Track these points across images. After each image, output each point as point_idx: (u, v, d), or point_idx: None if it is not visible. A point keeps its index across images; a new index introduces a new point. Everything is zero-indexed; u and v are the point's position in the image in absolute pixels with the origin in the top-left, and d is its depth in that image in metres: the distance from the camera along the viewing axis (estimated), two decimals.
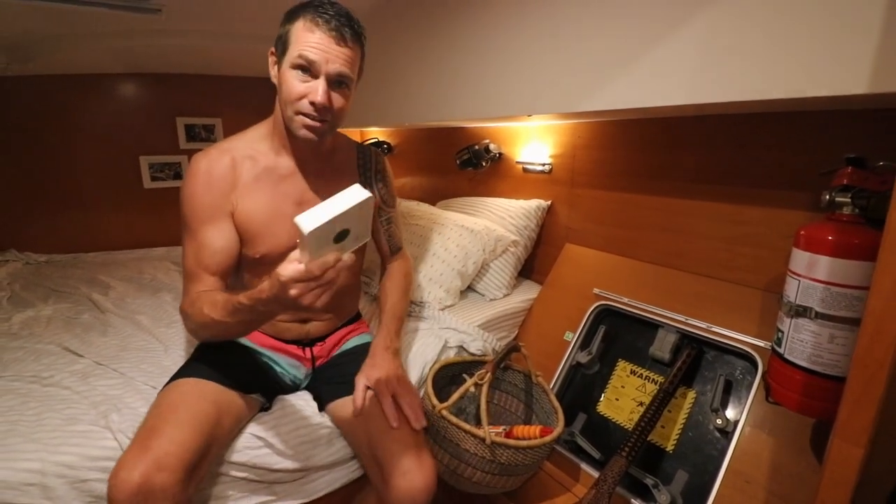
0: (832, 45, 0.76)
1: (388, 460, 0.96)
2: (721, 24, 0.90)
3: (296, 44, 0.94)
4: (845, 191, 0.86)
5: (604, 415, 1.30)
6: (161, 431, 0.85)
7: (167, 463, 0.81)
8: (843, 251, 0.81)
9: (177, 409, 0.92)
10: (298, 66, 0.94)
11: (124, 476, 0.78)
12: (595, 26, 1.12)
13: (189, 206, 1.02)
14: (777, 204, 1.14)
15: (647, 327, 1.32)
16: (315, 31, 0.93)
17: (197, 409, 0.92)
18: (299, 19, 0.94)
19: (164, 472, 0.80)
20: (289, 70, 0.95)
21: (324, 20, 0.93)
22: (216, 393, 0.98)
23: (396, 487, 0.94)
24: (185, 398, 0.95)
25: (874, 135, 0.96)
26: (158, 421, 0.89)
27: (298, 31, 0.94)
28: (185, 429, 0.87)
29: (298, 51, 0.93)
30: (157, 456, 0.81)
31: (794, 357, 0.89)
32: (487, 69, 1.43)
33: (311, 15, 0.94)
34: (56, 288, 1.81)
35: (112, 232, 2.50)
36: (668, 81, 0.99)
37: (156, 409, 0.94)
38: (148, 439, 0.84)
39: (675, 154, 1.35)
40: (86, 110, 2.36)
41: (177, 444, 0.84)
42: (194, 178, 1.02)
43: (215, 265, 1.02)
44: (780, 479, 0.96)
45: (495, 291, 1.69)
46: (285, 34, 0.97)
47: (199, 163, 1.03)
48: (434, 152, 2.35)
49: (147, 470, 0.79)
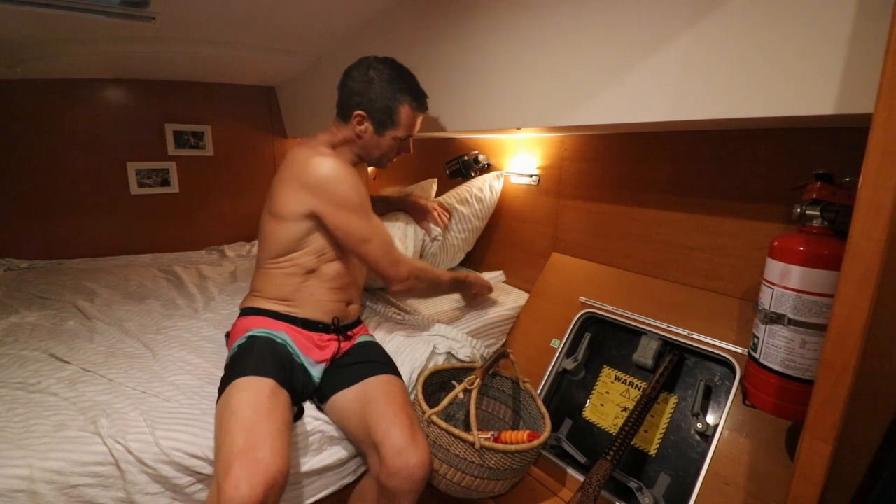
0: (803, 68, 0.81)
1: (383, 441, 1.01)
2: (700, 45, 0.95)
3: (402, 125, 1.28)
4: (815, 204, 0.90)
5: (589, 420, 1.33)
6: (265, 443, 0.89)
7: (279, 480, 0.87)
8: (813, 261, 0.86)
9: (271, 413, 0.96)
10: (400, 139, 1.31)
11: (246, 492, 0.81)
12: (582, 44, 1.17)
13: (360, 189, 1.23)
14: (753, 216, 1.19)
15: (630, 335, 1.36)
16: (417, 119, 1.32)
17: (280, 413, 0.99)
18: (407, 103, 1.27)
19: (275, 491, 0.86)
20: (390, 140, 1.30)
21: (424, 109, 1.33)
22: (279, 394, 1.03)
23: (393, 466, 0.99)
24: (267, 401, 0.98)
25: (842, 152, 1.02)
26: (255, 427, 0.92)
27: (407, 113, 1.28)
28: (280, 439, 0.93)
29: (405, 132, 1.30)
30: (268, 473, 0.85)
31: (768, 362, 0.93)
32: (478, 82, 1.47)
33: (419, 103, 1.30)
34: (40, 294, 1.79)
35: (97, 238, 2.47)
36: (650, 98, 1.04)
37: (240, 412, 0.95)
38: (252, 450, 0.87)
39: (658, 167, 1.40)
40: (72, 115, 2.34)
41: (282, 457, 0.89)
42: (348, 169, 1.23)
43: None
44: (757, 481, 0.99)
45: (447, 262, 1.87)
46: (392, 110, 1.26)
47: (338, 161, 1.22)
48: (423, 162, 2.38)
49: (262, 489, 0.83)
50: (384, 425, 1.04)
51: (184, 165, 2.65)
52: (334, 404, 1.17)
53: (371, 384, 1.16)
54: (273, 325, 1.21)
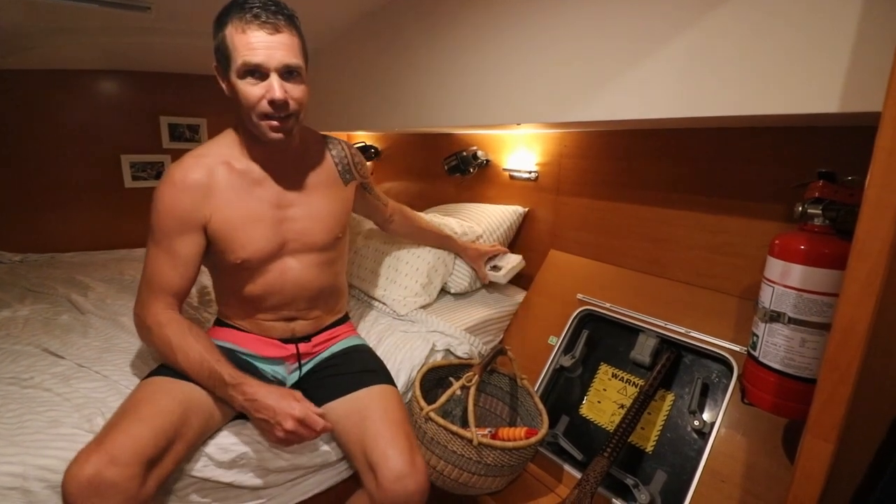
0: (806, 66, 0.81)
1: (380, 463, 0.97)
2: (702, 43, 0.94)
3: (235, 51, 0.93)
4: (817, 203, 0.90)
5: (586, 417, 1.33)
6: (118, 427, 0.85)
7: (119, 456, 0.80)
8: (814, 260, 0.86)
9: (139, 405, 0.92)
10: (246, 73, 0.94)
11: (75, 470, 0.78)
12: (583, 40, 1.16)
13: (161, 216, 1.03)
14: (753, 215, 1.19)
15: (628, 332, 1.36)
16: (247, 32, 0.91)
17: (160, 406, 0.92)
18: (229, 24, 0.93)
19: (116, 465, 0.79)
20: (238, 80, 0.95)
21: (252, 15, 0.91)
22: (185, 391, 0.97)
23: (391, 491, 0.94)
24: (149, 395, 0.95)
25: (844, 151, 1.02)
26: (119, 418, 0.89)
27: (233, 38, 0.93)
28: (143, 424, 0.86)
29: (241, 59, 0.92)
30: (109, 449, 0.80)
31: (768, 360, 0.93)
32: (478, 77, 1.46)
33: (238, 14, 0.92)
34: (33, 288, 1.76)
35: (91, 232, 2.44)
36: (653, 95, 1.03)
37: (120, 407, 0.93)
38: (104, 435, 0.84)
39: (658, 165, 1.40)
40: (66, 107, 2.31)
41: (132, 438, 0.83)
42: (169, 188, 1.03)
43: (179, 277, 1.04)
44: (753, 478, 1.00)
45: (460, 282, 1.69)
46: (221, 44, 0.95)
47: (174, 173, 1.04)
48: (422, 158, 2.37)
49: (99, 463, 0.78)
50: (381, 446, 0.98)
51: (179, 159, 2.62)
52: (329, 415, 1.09)
53: (364, 397, 1.09)
54: (218, 335, 1.17)
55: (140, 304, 1.04)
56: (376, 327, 1.51)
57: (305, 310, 1.19)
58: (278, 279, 1.12)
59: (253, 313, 1.16)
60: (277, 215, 1.10)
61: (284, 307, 1.16)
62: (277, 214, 1.10)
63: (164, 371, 1.01)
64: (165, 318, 1.01)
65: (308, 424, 0.94)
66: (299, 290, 1.15)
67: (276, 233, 1.10)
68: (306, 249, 1.14)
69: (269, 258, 1.10)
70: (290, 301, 1.16)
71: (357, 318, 1.56)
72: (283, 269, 1.13)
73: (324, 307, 1.24)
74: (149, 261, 1.05)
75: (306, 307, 1.19)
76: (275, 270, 1.12)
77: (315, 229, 1.15)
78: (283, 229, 1.11)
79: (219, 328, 1.21)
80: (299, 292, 1.16)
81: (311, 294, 1.18)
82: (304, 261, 1.15)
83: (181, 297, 1.06)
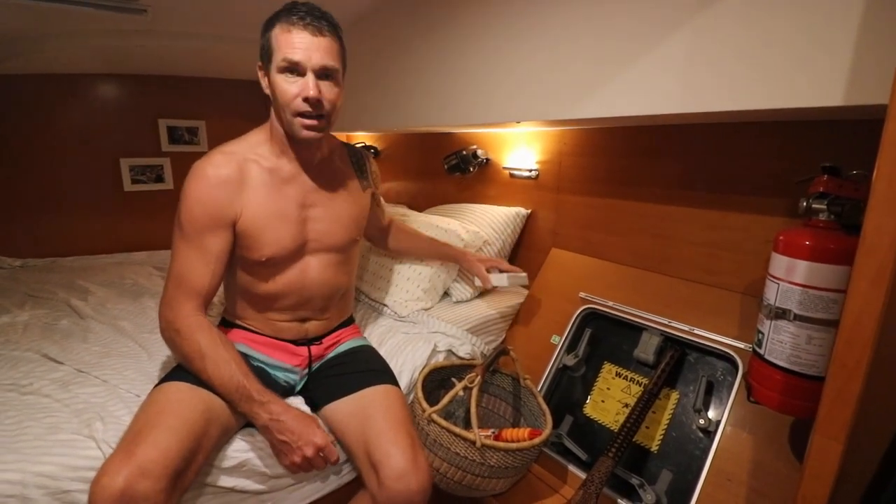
0: (810, 59, 0.79)
1: (383, 462, 0.97)
2: (703, 37, 0.93)
3: (278, 49, 0.98)
4: (821, 198, 0.89)
5: (590, 416, 1.32)
6: (147, 437, 0.84)
7: (151, 470, 0.79)
8: (819, 256, 0.84)
9: (164, 413, 0.90)
10: (285, 69, 0.98)
11: (106, 482, 0.76)
12: (583, 38, 1.15)
13: (194, 212, 1.02)
14: (757, 210, 1.18)
15: (631, 330, 1.35)
16: (292, 31, 0.97)
17: (185, 416, 0.91)
18: (276, 26, 0.98)
19: (148, 479, 0.78)
20: (277, 75, 0.99)
21: (298, 17, 0.97)
22: (206, 401, 0.96)
23: (393, 490, 0.94)
24: (173, 404, 0.93)
25: (849, 144, 1.00)
26: (145, 426, 0.87)
27: (277, 37, 0.98)
28: (171, 435, 0.85)
29: (282, 55, 0.97)
30: (141, 462, 0.79)
31: (773, 358, 0.92)
32: (477, 76, 1.45)
33: (286, 17, 0.98)
34: (32, 293, 1.76)
35: (91, 236, 2.44)
36: (655, 91, 1.02)
37: (143, 413, 0.92)
38: (133, 444, 0.82)
39: (659, 161, 1.38)
40: (64, 110, 2.30)
41: (162, 450, 0.82)
42: (200, 183, 1.02)
43: (210, 275, 1.03)
44: (760, 477, 0.98)
45: (462, 293, 1.68)
46: (266, 43, 1.00)
47: (205, 168, 1.03)
48: (422, 157, 2.36)
49: (130, 476, 0.77)
50: (384, 445, 0.99)
51: (178, 161, 2.61)
52: (328, 416, 1.12)
53: (368, 396, 1.10)
54: (232, 336, 1.16)
55: (168, 306, 1.02)
56: (378, 329, 1.50)
57: (320, 310, 1.21)
58: (299, 277, 1.14)
59: (267, 313, 1.17)
60: (302, 215, 1.12)
61: (301, 307, 1.18)
62: (302, 214, 1.12)
63: (181, 375, 1.00)
64: (196, 323, 1.00)
65: (326, 454, 0.98)
66: (317, 289, 1.17)
67: (300, 232, 1.12)
68: (325, 249, 1.17)
69: (292, 257, 1.12)
70: (307, 300, 1.17)
71: (359, 319, 1.56)
72: (304, 267, 1.14)
73: (336, 308, 1.26)
74: (178, 258, 1.03)
75: (321, 307, 1.21)
76: (296, 269, 1.14)
77: (335, 230, 1.17)
78: (306, 229, 1.13)
79: (228, 329, 1.20)
80: (317, 291, 1.17)
81: (328, 293, 1.20)
82: (323, 260, 1.17)
83: (209, 299, 1.05)
